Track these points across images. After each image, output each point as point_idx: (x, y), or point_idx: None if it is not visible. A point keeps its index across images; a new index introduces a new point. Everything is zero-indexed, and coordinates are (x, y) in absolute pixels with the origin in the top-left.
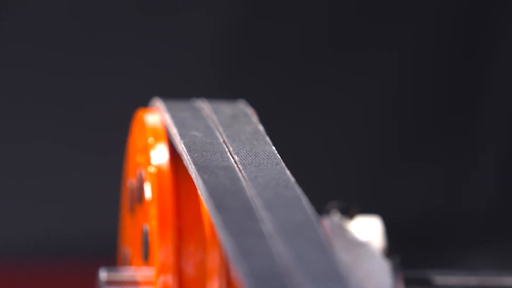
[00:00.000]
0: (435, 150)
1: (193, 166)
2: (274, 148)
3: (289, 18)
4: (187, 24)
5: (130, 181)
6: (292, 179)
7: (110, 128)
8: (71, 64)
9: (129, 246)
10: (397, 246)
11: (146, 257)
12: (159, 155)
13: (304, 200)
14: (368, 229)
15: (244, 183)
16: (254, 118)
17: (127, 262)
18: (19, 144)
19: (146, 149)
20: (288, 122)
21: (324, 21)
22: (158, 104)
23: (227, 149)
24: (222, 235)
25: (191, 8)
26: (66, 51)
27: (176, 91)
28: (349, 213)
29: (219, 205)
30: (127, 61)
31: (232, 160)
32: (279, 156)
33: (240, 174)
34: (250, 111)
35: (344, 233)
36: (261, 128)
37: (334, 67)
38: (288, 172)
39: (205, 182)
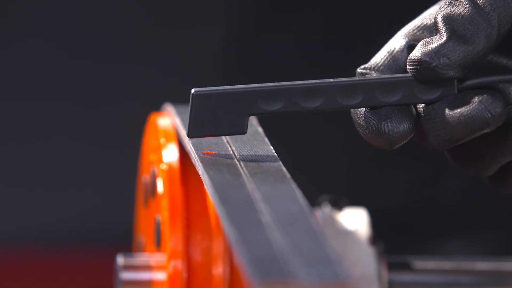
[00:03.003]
0: (415, 149)
1: (200, 164)
2: (272, 147)
3: (286, 29)
4: (195, 37)
5: (144, 177)
6: (288, 175)
7: (127, 130)
8: (96, 73)
9: (143, 234)
10: (381, 235)
11: (158, 245)
12: (170, 154)
13: (299, 193)
14: (355, 220)
15: (245, 179)
16: (254, 121)
17: (141, 249)
18: (47, 143)
19: (158, 149)
20: (285, 124)
21: (320, 29)
22: (169, 109)
23: (230, 149)
24: (225, 225)
25: (198, 23)
26: (90, 61)
27: (185, 97)
28: (338, 205)
29: (223, 198)
30: (141, 70)
31: (235, 158)
32: (276, 155)
33: (241, 171)
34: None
35: (334, 223)
36: (260, 130)
37: (327, 70)
38: (284, 168)
39: (211, 178)
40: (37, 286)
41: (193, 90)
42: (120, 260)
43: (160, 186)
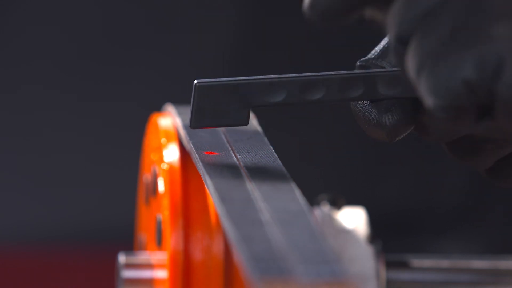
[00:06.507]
0: (412, 151)
1: (200, 163)
2: (271, 147)
3: (288, 26)
4: (196, 42)
5: (145, 176)
6: (287, 174)
7: (128, 130)
8: (99, 73)
9: (145, 233)
10: (379, 233)
11: (159, 243)
12: (171, 154)
13: (298, 192)
14: (353, 218)
15: (245, 178)
16: (254, 121)
17: (142, 247)
18: (48, 143)
19: (159, 148)
20: (284, 125)
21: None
22: (170, 109)
23: (230, 148)
24: (225, 224)
25: (200, 25)
26: (93, 62)
27: (186, 98)
28: (337, 204)
29: (223, 197)
30: (143, 71)
31: (235, 158)
32: (275, 154)
33: (241, 170)
34: (251, 116)
35: (332, 221)
36: (260, 130)
37: (329, 64)
38: (283, 168)
39: (211, 177)
40: (39, 284)
41: (195, 81)
42: (122, 258)
43: (161, 185)
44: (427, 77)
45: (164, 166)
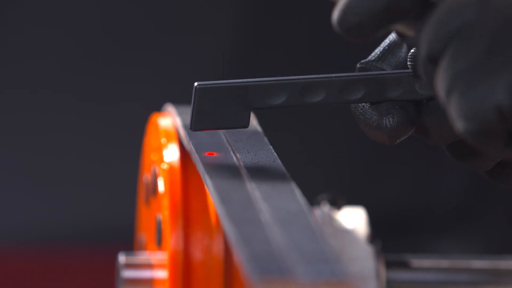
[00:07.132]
0: (411, 151)
1: (200, 164)
2: (271, 147)
3: (284, 40)
4: (196, 42)
5: (145, 176)
6: (287, 174)
7: (128, 129)
8: (99, 73)
9: (145, 233)
10: (379, 233)
11: (159, 243)
12: (171, 154)
13: (298, 192)
14: (353, 219)
15: (245, 178)
16: (254, 121)
17: (142, 247)
18: (48, 143)
19: (159, 148)
20: (284, 125)
21: (321, 26)
22: (170, 109)
23: (230, 148)
24: (225, 224)
25: (200, 25)
26: (94, 61)
27: (186, 98)
28: (337, 204)
29: (223, 198)
30: (144, 71)
31: (235, 158)
32: (275, 154)
33: (241, 170)
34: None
35: (332, 221)
36: (260, 129)
37: (329, 66)
38: (283, 168)
39: (211, 178)
40: (39, 284)
41: (196, 84)
42: (122, 258)
43: (161, 185)
44: (458, 100)
45: (164, 166)
